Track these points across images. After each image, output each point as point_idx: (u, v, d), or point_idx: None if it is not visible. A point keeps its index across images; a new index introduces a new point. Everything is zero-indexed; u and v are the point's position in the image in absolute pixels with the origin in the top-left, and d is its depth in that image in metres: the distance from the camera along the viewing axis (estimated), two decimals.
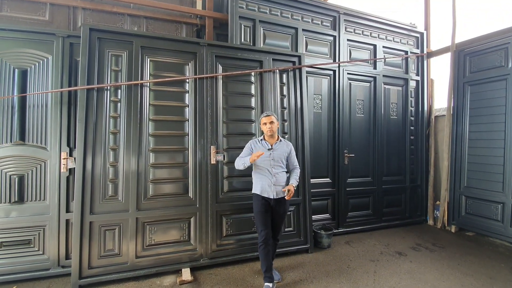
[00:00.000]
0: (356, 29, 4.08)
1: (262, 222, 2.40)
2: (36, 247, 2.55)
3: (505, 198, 3.48)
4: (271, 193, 2.42)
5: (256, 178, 2.50)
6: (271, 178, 2.43)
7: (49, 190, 2.59)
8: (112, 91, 2.65)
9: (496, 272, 2.79)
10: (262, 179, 2.44)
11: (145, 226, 2.65)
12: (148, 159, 2.71)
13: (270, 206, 2.45)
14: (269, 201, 2.43)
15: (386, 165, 4.22)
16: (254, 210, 2.48)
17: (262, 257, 2.39)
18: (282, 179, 2.48)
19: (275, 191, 2.42)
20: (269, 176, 2.44)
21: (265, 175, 2.44)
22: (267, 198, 2.43)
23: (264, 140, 2.53)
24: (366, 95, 4.11)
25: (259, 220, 2.42)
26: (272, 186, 2.42)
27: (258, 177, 2.48)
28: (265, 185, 2.42)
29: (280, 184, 2.45)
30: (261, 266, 2.43)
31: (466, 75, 3.99)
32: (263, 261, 2.39)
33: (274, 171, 2.45)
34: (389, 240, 3.64)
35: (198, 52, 2.93)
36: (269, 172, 2.44)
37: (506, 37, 3.54)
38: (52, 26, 3.01)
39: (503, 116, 3.52)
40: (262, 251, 2.38)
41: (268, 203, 2.44)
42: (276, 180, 2.44)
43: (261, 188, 2.43)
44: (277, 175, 2.45)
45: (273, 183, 2.43)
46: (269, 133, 2.47)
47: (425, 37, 4.56)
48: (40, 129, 2.61)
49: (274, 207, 2.46)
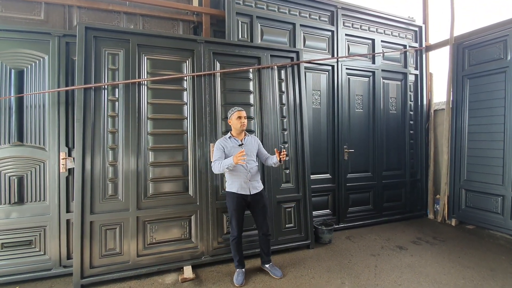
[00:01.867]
0: (354, 24, 4.06)
1: (237, 220, 2.47)
2: (37, 248, 2.55)
3: (505, 191, 3.48)
4: (248, 190, 2.46)
5: (231, 176, 2.50)
6: (246, 174, 2.47)
7: (48, 191, 2.59)
8: (109, 90, 2.63)
9: (497, 265, 2.80)
10: (238, 176, 2.46)
11: (145, 225, 2.65)
12: (148, 158, 2.70)
13: (247, 203, 2.49)
14: (246, 197, 2.46)
15: (386, 160, 4.21)
16: (229, 208, 2.51)
17: (235, 251, 2.53)
18: (256, 174, 2.55)
19: (251, 186, 2.47)
20: (245, 172, 2.47)
21: (241, 172, 2.46)
22: (244, 195, 2.45)
23: (233, 137, 2.55)
24: (365, 90, 4.10)
25: (235, 218, 2.47)
26: (248, 182, 2.47)
27: (233, 175, 2.48)
28: (242, 182, 2.46)
29: (255, 179, 2.52)
30: (234, 257, 2.55)
31: (465, 68, 3.97)
32: (236, 254, 2.53)
33: (248, 166, 2.49)
34: (389, 235, 3.65)
35: (196, 49, 2.91)
36: (244, 168, 2.47)
37: (505, 29, 3.51)
38: (47, 26, 2.98)
39: (502, 109, 3.51)
40: (234, 245, 2.51)
41: (245, 200, 2.47)
42: (251, 175, 2.49)
43: (239, 185, 2.45)
44: (252, 170, 2.51)
45: (249, 178, 2.47)
46: (243, 127, 2.49)
47: (424, 31, 4.53)
48: (38, 130, 2.59)
49: (251, 203, 2.50)
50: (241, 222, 2.50)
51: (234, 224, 2.48)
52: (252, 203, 2.51)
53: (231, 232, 2.53)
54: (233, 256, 2.56)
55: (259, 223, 2.58)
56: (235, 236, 2.49)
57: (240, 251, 2.55)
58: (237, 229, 2.48)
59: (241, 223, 2.52)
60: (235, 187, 2.47)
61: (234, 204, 2.46)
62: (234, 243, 2.51)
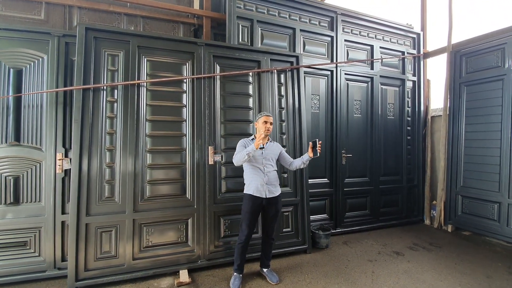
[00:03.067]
0: (354, 30, 4.09)
1: (249, 222, 2.45)
2: (32, 249, 2.52)
3: (501, 198, 3.50)
4: (264, 193, 2.45)
5: (248, 178, 2.51)
6: (263, 177, 2.46)
7: (44, 192, 2.56)
8: (108, 91, 2.62)
9: (493, 271, 2.81)
10: (255, 179, 2.46)
11: (142, 228, 2.62)
12: (145, 160, 2.68)
13: (262, 207, 2.48)
14: (261, 201, 2.45)
15: (383, 165, 4.23)
16: (243, 210, 2.50)
17: (238, 254, 2.49)
18: (273, 178, 2.54)
19: (267, 190, 2.46)
20: (261, 175, 2.47)
21: (258, 174, 2.47)
22: (260, 198, 2.44)
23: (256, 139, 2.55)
24: (363, 95, 4.12)
25: (247, 220, 2.45)
26: (265, 185, 2.46)
27: (250, 177, 2.49)
28: (258, 184, 2.45)
29: (272, 183, 2.51)
30: (235, 260, 2.51)
31: (462, 75, 4.02)
32: (238, 258, 2.49)
33: (266, 169, 2.49)
34: (386, 240, 3.65)
35: (196, 52, 2.91)
36: (261, 170, 2.48)
37: (503, 38, 3.57)
38: (47, 25, 2.98)
39: (499, 116, 3.55)
40: (240, 249, 2.48)
41: (260, 203, 2.46)
42: (268, 179, 2.48)
43: (255, 188, 2.45)
44: (269, 174, 2.50)
45: (265, 182, 2.47)
46: (267, 132, 2.49)
47: (422, 38, 4.58)
48: (35, 130, 2.57)
49: (266, 206, 2.49)
50: (252, 226, 2.47)
51: (244, 227, 2.46)
52: (266, 207, 2.49)
53: (239, 235, 2.49)
54: (235, 259, 2.53)
55: (266, 226, 2.58)
56: (243, 240, 2.45)
57: (243, 256, 2.51)
58: (247, 233, 2.44)
59: (252, 228, 2.48)
60: (251, 189, 2.46)
61: (248, 206, 2.45)
62: (239, 247, 2.47)
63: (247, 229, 2.45)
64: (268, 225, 2.57)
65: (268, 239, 2.61)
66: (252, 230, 2.48)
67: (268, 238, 2.60)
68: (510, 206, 3.42)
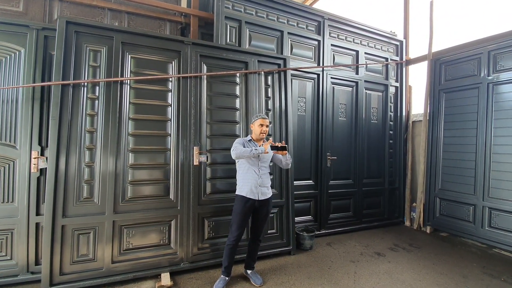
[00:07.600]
0: (340, 35, 4.17)
1: (240, 223, 2.43)
2: (3, 252, 2.38)
3: (476, 200, 3.66)
4: (257, 194, 2.44)
5: (242, 179, 2.49)
6: (257, 179, 2.45)
7: (18, 192, 2.43)
8: (89, 88, 2.52)
9: (468, 271, 2.92)
10: (249, 181, 2.44)
11: (122, 230, 2.54)
12: (127, 160, 2.60)
13: (253, 208, 2.46)
14: (254, 202, 2.44)
15: (366, 168, 4.32)
16: (234, 211, 2.47)
17: (227, 256, 2.46)
18: (267, 180, 2.53)
19: (260, 192, 2.45)
20: (256, 177, 2.45)
21: (252, 176, 2.45)
22: (252, 199, 2.43)
23: (253, 140, 2.56)
24: (349, 99, 4.20)
25: (238, 221, 2.42)
26: (258, 187, 2.45)
27: (244, 178, 2.47)
28: (252, 186, 2.43)
29: (265, 185, 2.50)
30: (223, 262, 2.48)
31: (441, 82, 4.18)
32: (227, 258, 2.46)
33: (261, 172, 2.48)
34: (368, 241, 3.72)
35: (182, 50, 2.86)
36: (255, 173, 2.46)
37: (479, 48, 3.74)
38: (26, 18, 2.83)
39: (475, 122, 3.72)
40: (229, 250, 2.45)
41: (252, 205, 2.44)
42: (262, 181, 2.47)
43: (248, 189, 2.43)
44: (263, 176, 2.49)
45: (259, 184, 2.45)
46: (262, 136, 2.50)
47: (404, 45, 4.74)
48: (9, 126, 2.44)
49: (257, 208, 2.47)
50: (243, 227, 2.45)
51: (234, 228, 2.43)
52: (258, 209, 2.48)
53: (229, 236, 2.46)
54: (223, 261, 2.48)
55: (255, 227, 2.57)
56: (232, 241, 2.42)
57: (232, 258, 2.48)
58: (237, 234, 2.42)
59: (243, 229, 2.46)
60: (244, 190, 2.44)
61: (240, 208, 2.43)
62: (228, 248, 2.44)
63: (238, 230, 2.42)
64: (257, 226, 2.56)
65: (256, 240, 2.60)
66: (242, 231, 2.47)
67: (256, 240, 2.59)
68: (484, 208, 3.58)
